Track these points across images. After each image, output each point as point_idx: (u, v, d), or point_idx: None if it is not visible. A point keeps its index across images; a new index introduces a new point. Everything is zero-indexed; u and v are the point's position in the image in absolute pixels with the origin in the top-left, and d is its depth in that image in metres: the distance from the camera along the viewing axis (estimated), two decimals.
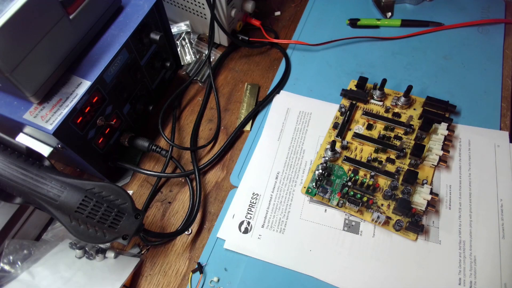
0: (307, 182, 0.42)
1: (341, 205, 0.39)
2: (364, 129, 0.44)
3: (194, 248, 0.41)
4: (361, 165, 0.41)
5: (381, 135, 0.43)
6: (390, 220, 0.38)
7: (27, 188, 0.29)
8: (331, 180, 0.41)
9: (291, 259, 0.38)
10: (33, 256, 0.37)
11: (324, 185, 0.41)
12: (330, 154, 0.42)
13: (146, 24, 0.41)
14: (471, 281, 0.35)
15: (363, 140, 0.43)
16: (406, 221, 0.38)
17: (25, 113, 0.33)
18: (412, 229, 0.37)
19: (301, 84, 0.51)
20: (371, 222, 0.39)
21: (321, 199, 0.40)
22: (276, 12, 0.60)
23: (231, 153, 0.47)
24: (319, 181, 0.41)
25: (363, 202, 0.38)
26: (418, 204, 0.38)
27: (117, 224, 0.30)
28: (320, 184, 0.41)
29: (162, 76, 0.50)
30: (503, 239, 0.37)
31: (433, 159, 0.40)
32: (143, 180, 0.45)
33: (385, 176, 0.40)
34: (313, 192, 0.41)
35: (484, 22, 0.53)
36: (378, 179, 0.41)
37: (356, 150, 0.43)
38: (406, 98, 0.45)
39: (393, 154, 0.42)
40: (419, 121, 0.44)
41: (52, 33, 0.32)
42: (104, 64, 0.36)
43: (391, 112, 0.45)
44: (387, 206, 0.39)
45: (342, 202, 0.39)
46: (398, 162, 0.42)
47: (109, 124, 0.40)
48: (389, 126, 0.44)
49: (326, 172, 0.41)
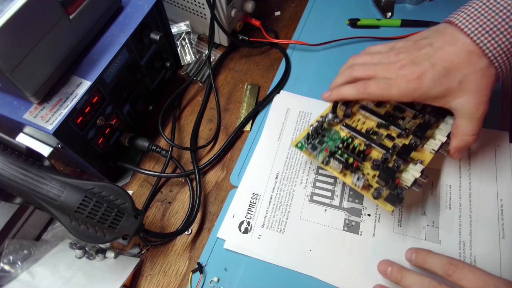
0: (300, 137, 0.40)
1: (326, 163, 0.38)
2: (372, 104, 0.42)
3: (194, 248, 0.41)
4: (358, 134, 0.39)
5: (388, 113, 0.41)
6: (371, 187, 0.36)
7: (27, 188, 0.29)
8: (323, 141, 0.40)
9: (291, 259, 0.38)
10: (33, 256, 0.37)
11: (316, 143, 0.39)
12: (331, 116, 0.40)
13: (146, 24, 0.41)
14: None
15: (368, 113, 0.41)
16: (387, 192, 0.35)
17: (25, 113, 0.33)
18: (391, 200, 0.35)
19: (301, 84, 0.51)
20: (351, 185, 0.36)
21: (308, 154, 0.39)
22: (276, 12, 0.60)
23: (231, 153, 0.47)
24: (311, 137, 0.39)
25: (349, 164, 0.37)
26: (404, 179, 0.36)
27: (117, 224, 0.30)
28: (311, 142, 0.39)
29: (162, 76, 0.50)
30: (503, 239, 0.37)
31: (435, 144, 0.38)
32: (143, 180, 0.45)
33: (380, 148, 0.38)
34: (303, 146, 0.39)
35: None
36: (372, 150, 0.39)
37: (358, 122, 0.41)
38: None
39: (394, 133, 0.40)
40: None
41: (52, 33, 0.32)
42: (104, 64, 0.36)
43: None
44: (372, 176, 0.37)
45: (327, 160, 0.37)
46: (397, 140, 0.39)
47: (109, 124, 0.40)
48: (399, 107, 0.41)
49: (321, 132, 0.40)
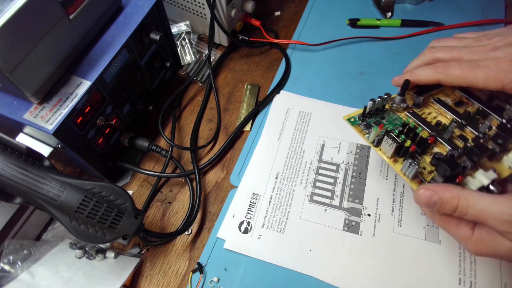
0: (355, 113, 0.36)
1: (377, 143, 0.33)
2: (451, 102, 0.36)
3: (194, 248, 0.41)
4: (425, 125, 0.33)
5: (467, 113, 0.34)
6: (424, 181, 0.30)
7: (27, 188, 0.29)
8: (379, 122, 0.35)
9: (291, 259, 0.38)
10: (33, 256, 0.37)
11: (371, 122, 0.35)
12: (398, 99, 0.35)
13: (146, 24, 0.41)
14: (471, 281, 0.35)
15: (443, 108, 0.35)
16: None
17: (25, 113, 0.33)
18: None
19: (301, 84, 0.51)
20: (400, 173, 0.31)
21: (359, 131, 0.35)
22: (276, 12, 0.60)
23: (231, 153, 0.47)
24: (368, 116, 0.35)
25: (403, 148, 0.31)
26: (468, 182, 0.29)
27: (117, 224, 0.30)
28: (366, 120, 0.35)
29: (162, 76, 0.50)
30: None
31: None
32: (143, 180, 0.45)
33: (447, 145, 0.32)
34: (355, 122, 0.35)
35: (484, 22, 0.53)
36: (437, 144, 0.33)
37: (428, 115, 0.35)
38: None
39: (469, 136, 0.33)
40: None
41: (52, 33, 0.32)
42: (104, 64, 0.36)
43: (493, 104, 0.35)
44: (428, 172, 0.31)
45: (378, 139, 0.33)
46: (470, 142, 0.32)
47: (109, 124, 0.40)
48: (483, 112, 0.34)
49: (380, 113, 0.35)
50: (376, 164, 0.43)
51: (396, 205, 0.40)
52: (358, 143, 0.45)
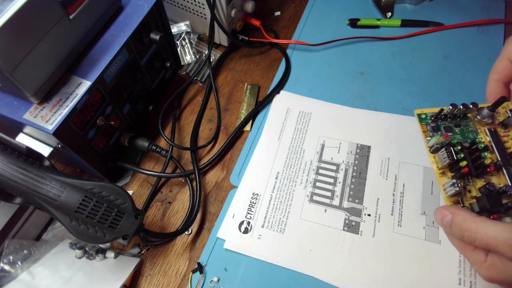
0: (429, 110, 0.34)
1: (434, 150, 0.32)
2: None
3: (194, 248, 0.41)
4: (499, 149, 0.31)
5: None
6: (460, 203, 0.30)
7: (27, 188, 0.29)
8: (451, 128, 0.33)
9: (291, 259, 0.38)
10: (33, 256, 0.37)
11: (442, 126, 0.33)
12: (485, 112, 0.32)
13: (146, 24, 0.41)
14: (471, 281, 0.35)
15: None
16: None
17: (25, 113, 0.33)
18: None
19: (301, 84, 0.51)
20: (440, 187, 0.31)
21: (423, 131, 0.34)
22: (276, 12, 0.60)
23: (231, 153, 0.47)
24: (440, 118, 0.33)
25: (457, 166, 0.30)
26: (505, 220, 0.29)
27: (117, 224, 0.30)
28: (437, 121, 0.33)
29: (162, 76, 0.50)
30: None
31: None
32: (143, 180, 0.45)
33: (508, 177, 0.30)
34: (425, 120, 0.34)
35: (484, 22, 0.53)
36: (497, 174, 0.31)
37: (511, 140, 0.32)
38: None
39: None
40: None
41: (52, 33, 0.32)
42: (104, 64, 0.36)
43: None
44: (471, 196, 0.30)
45: (437, 147, 0.32)
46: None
47: (109, 124, 0.40)
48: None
49: (457, 120, 0.33)
50: (376, 164, 0.43)
51: (396, 205, 0.40)
52: (358, 143, 0.45)
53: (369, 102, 0.48)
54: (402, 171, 0.42)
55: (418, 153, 0.43)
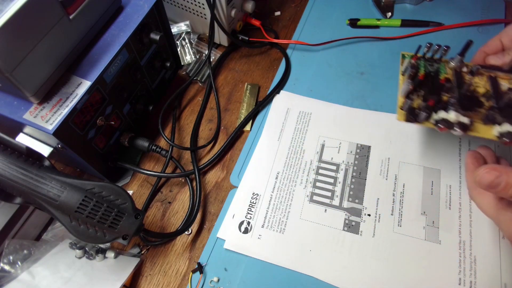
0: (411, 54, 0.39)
1: (404, 72, 0.38)
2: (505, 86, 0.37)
3: (194, 248, 0.41)
4: (458, 84, 0.36)
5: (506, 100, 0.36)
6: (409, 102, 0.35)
7: (27, 188, 0.29)
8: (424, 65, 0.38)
9: (291, 259, 0.38)
10: (33, 256, 0.37)
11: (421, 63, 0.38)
12: (457, 58, 0.38)
13: (146, 24, 0.41)
14: (471, 281, 0.35)
15: (492, 84, 0.37)
16: (417, 102, 0.35)
17: (25, 113, 0.33)
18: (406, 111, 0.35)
19: (301, 84, 0.51)
20: (400, 80, 0.37)
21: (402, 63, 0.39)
22: (276, 12, 0.60)
23: (231, 153, 0.47)
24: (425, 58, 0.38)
25: (417, 74, 0.36)
26: (440, 112, 0.34)
27: (117, 224, 0.30)
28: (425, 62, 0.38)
29: (162, 76, 0.50)
30: (503, 239, 0.37)
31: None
32: (143, 180, 0.45)
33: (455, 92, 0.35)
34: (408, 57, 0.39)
35: (484, 22, 0.53)
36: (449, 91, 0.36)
37: (470, 81, 0.37)
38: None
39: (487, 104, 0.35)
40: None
41: (52, 33, 0.32)
42: (104, 64, 0.36)
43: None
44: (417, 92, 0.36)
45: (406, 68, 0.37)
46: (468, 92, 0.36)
47: (109, 124, 0.40)
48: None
49: (432, 63, 0.38)
50: (376, 164, 0.43)
51: (396, 205, 0.40)
52: (358, 143, 0.45)
53: (369, 102, 0.48)
54: (402, 171, 0.42)
55: (418, 153, 0.43)
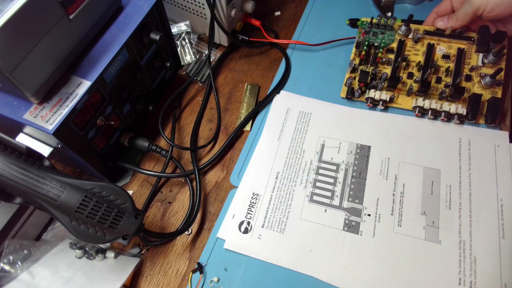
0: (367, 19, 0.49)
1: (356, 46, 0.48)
2: (442, 52, 0.47)
3: (194, 248, 0.41)
4: (397, 53, 0.47)
5: (435, 66, 0.45)
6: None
7: (27, 188, 0.29)
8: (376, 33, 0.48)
9: (291, 259, 0.38)
10: (33, 256, 0.37)
11: (372, 30, 0.48)
12: (403, 28, 0.47)
13: (146, 24, 0.41)
14: (471, 281, 0.35)
15: (427, 50, 0.46)
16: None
17: (25, 113, 0.33)
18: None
19: (301, 84, 0.51)
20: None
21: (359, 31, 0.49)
22: (276, 12, 0.60)
23: (231, 153, 0.47)
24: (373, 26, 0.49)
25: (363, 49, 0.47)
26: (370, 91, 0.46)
27: (117, 224, 0.30)
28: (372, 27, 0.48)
29: (162, 76, 0.50)
30: (503, 239, 0.37)
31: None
32: (143, 180, 0.45)
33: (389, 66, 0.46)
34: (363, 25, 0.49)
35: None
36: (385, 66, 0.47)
37: (413, 50, 0.47)
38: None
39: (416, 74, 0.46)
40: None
41: (52, 33, 0.32)
42: (104, 64, 0.36)
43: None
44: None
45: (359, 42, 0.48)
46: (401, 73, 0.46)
47: (109, 124, 0.40)
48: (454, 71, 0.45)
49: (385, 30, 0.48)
50: (376, 164, 0.43)
51: (396, 205, 0.40)
52: (358, 143, 0.45)
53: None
54: (402, 171, 0.42)
55: (418, 153, 0.43)
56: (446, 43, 0.47)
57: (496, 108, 0.42)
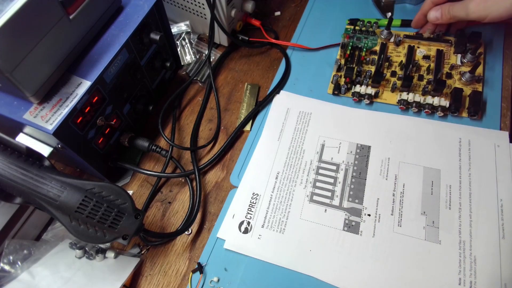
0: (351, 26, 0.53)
1: (342, 47, 0.51)
2: (422, 53, 0.49)
3: (194, 248, 0.41)
4: (380, 55, 0.49)
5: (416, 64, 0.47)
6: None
7: (27, 188, 0.29)
8: (361, 38, 0.51)
9: (291, 259, 0.38)
10: (33, 256, 0.37)
11: (356, 35, 0.51)
12: (385, 32, 0.50)
13: (146, 24, 0.41)
14: (471, 281, 0.35)
15: (408, 53, 0.48)
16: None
17: (25, 113, 0.33)
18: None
19: (301, 84, 0.51)
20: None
21: (345, 36, 0.51)
22: (276, 12, 0.60)
23: (231, 153, 0.47)
24: (357, 31, 0.52)
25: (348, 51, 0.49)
26: (357, 86, 0.48)
27: (117, 224, 0.30)
28: (355, 32, 0.51)
29: (162, 76, 0.50)
30: (503, 239, 0.37)
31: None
32: (143, 180, 0.45)
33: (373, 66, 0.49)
34: (348, 31, 0.52)
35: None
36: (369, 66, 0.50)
37: (394, 52, 0.50)
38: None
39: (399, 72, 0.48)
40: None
41: (52, 33, 0.32)
42: (104, 64, 0.36)
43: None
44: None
45: (343, 44, 0.50)
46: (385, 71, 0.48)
47: (109, 124, 0.40)
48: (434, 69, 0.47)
49: (368, 34, 0.50)
50: (376, 164, 0.43)
51: (396, 205, 0.40)
52: (358, 143, 0.45)
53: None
54: (402, 171, 0.42)
55: (418, 153, 0.43)
56: (426, 45, 0.49)
57: (477, 101, 0.44)
